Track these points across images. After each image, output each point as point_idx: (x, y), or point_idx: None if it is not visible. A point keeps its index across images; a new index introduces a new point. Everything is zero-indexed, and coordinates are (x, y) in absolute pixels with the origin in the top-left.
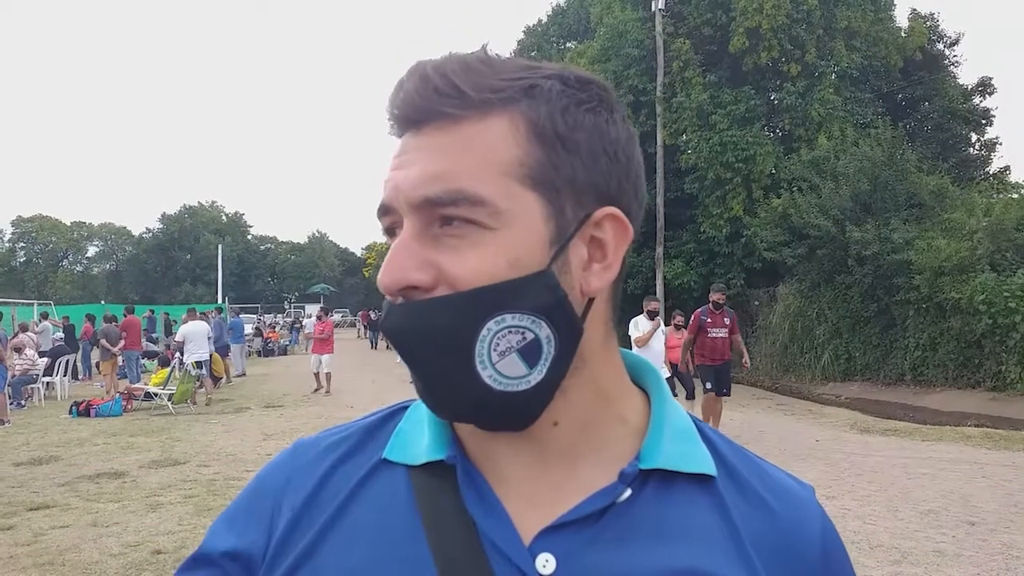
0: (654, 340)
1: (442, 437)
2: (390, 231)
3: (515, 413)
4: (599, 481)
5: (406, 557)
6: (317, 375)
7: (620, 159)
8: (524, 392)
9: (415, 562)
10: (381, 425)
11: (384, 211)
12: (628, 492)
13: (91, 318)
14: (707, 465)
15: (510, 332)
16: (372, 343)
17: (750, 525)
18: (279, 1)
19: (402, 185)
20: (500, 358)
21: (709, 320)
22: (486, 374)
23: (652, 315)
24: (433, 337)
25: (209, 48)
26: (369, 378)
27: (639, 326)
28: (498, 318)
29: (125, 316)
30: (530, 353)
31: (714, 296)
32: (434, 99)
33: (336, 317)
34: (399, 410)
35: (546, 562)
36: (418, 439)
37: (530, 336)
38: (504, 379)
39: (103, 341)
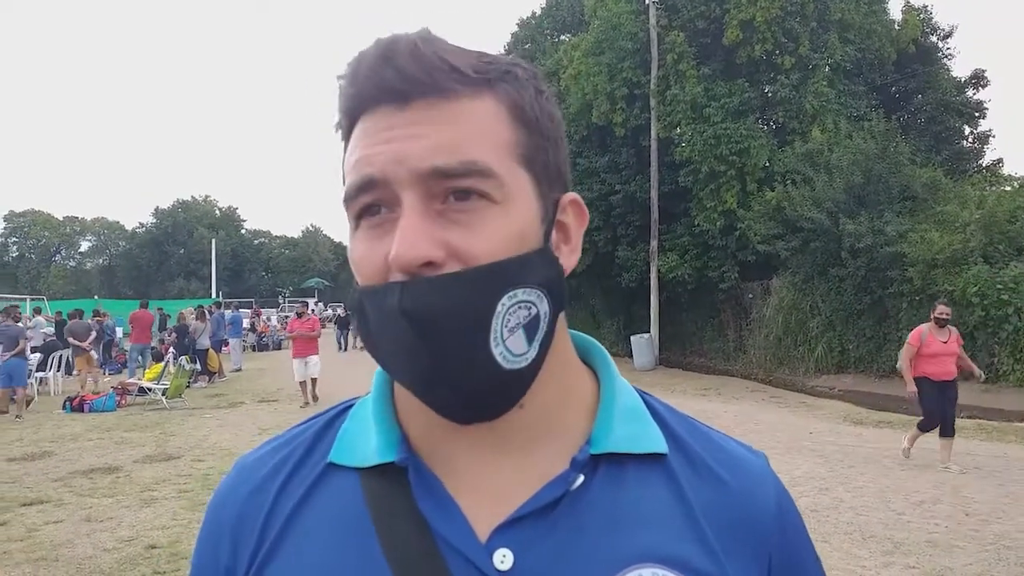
0: None
1: (391, 438)
2: (370, 209)
3: (507, 395)
4: (555, 467)
5: (360, 563)
6: (303, 384)
7: (566, 146)
8: (521, 371)
9: (370, 568)
10: (327, 427)
11: (368, 187)
12: (581, 479)
13: (78, 313)
14: (658, 444)
15: (519, 307)
16: (340, 344)
17: (703, 500)
18: None
19: (407, 156)
20: (510, 334)
21: None
22: (497, 351)
23: None
24: (459, 313)
25: (203, 42)
26: (366, 372)
27: None
28: (511, 293)
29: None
30: (531, 329)
31: None
32: (433, 74)
33: (327, 312)
34: (344, 410)
35: (503, 557)
36: (365, 440)
37: (534, 311)
38: (511, 357)
39: (70, 338)
